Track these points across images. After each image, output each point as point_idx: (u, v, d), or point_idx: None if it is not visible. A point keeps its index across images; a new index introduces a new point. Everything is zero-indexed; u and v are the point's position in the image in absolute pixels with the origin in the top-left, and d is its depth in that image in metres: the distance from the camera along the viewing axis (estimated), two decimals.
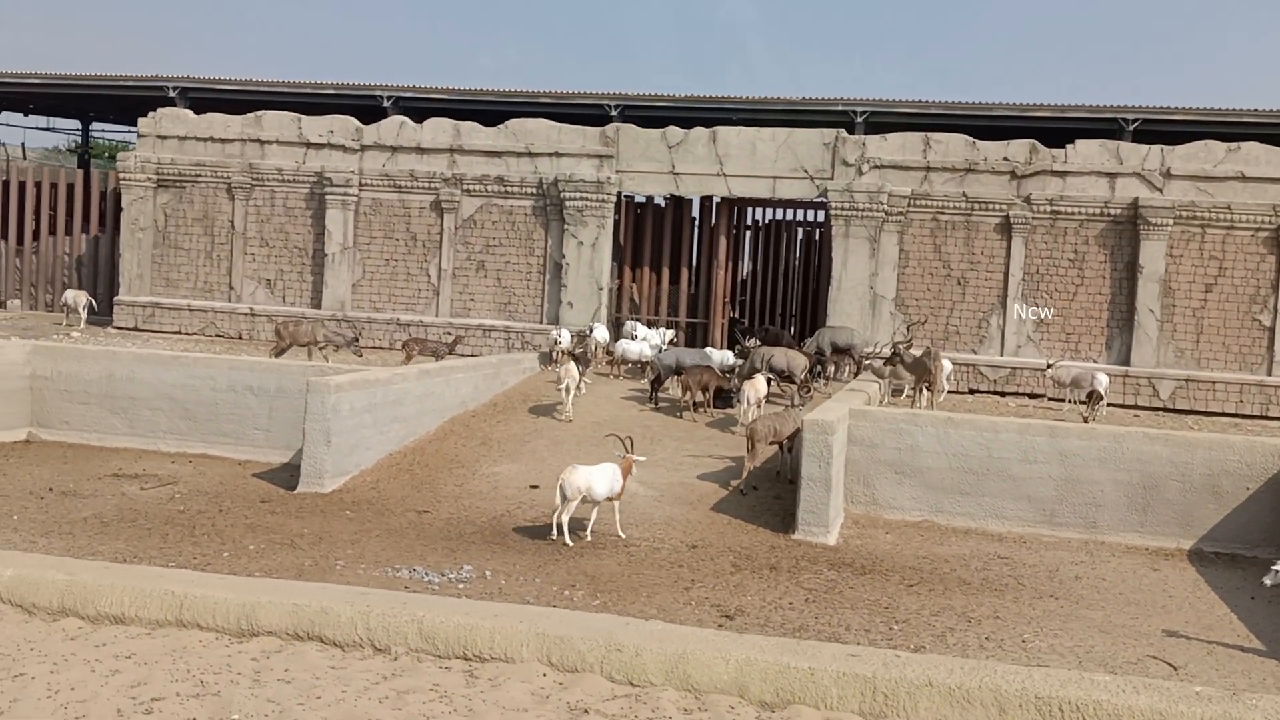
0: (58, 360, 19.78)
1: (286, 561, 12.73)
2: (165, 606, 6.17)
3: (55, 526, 13.79)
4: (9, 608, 6.29)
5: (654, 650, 5.50)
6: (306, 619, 6.01)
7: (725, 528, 15.71)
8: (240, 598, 6.17)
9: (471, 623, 5.82)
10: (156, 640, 6.01)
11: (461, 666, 5.72)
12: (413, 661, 5.79)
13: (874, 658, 5.49)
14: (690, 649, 5.49)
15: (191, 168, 29.51)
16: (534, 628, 5.77)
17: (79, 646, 5.93)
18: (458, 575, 12.57)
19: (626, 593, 12.32)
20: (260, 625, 6.05)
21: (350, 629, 5.92)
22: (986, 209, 25.75)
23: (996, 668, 5.37)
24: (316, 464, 16.66)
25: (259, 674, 5.61)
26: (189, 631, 6.11)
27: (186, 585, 6.37)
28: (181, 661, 5.74)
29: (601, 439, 20.11)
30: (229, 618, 6.10)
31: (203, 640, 6.06)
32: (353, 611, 5.98)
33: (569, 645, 5.65)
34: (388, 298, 28.63)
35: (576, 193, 27.18)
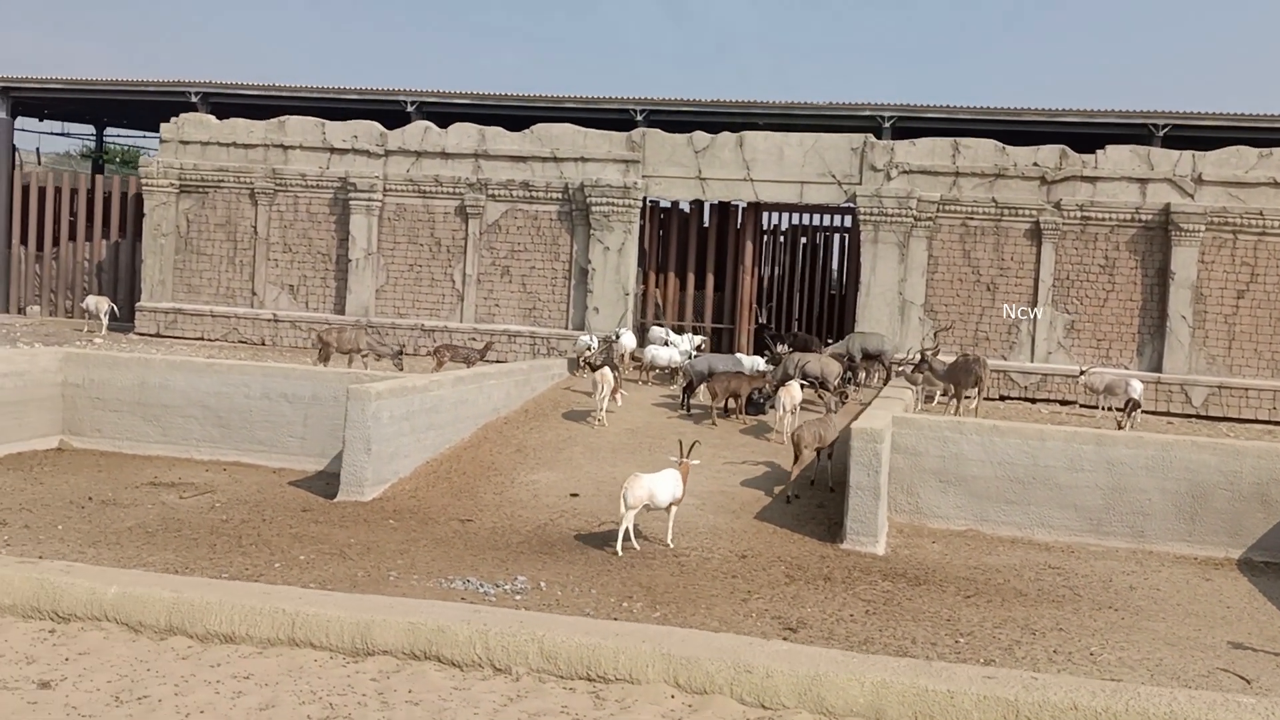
0: (90, 368, 19.64)
1: (339, 572, 12.58)
2: (277, 625, 6.01)
3: (100, 536, 13.64)
4: (115, 626, 6.12)
5: (785, 672, 5.34)
6: (423, 638, 5.85)
7: (771, 537, 15.55)
8: (353, 616, 6.00)
9: (593, 642, 5.66)
10: (271, 660, 5.85)
11: (586, 688, 5.56)
12: (535, 682, 5.63)
13: (1013, 680, 5.33)
14: (822, 670, 5.33)
15: (214, 173, 29.39)
16: (658, 647, 5.61)
17: (194, 667, 5.76)
18: (512, 586, 12.41)
19: (685, 604, 12.16)
20: (375, 644, 5.89)
21: (469, 648, 5.76)
22: (1016, 214, 25.62)
23: (1139, 689, 5.22)
24: (357, 472, 16.51)
25: (383, 695, 5.46)
26: (302, 650, 5.95)
27: (297, 603, 6.20)
28: (303, 682, 5.58)
29: (637, 446, 20.00)
30: (343, 636, 5.93)
31: (317, 660, 5.90)
32: (470, 630, 5.82)
33: (696, 666, 5.49)
34: (411, 303, 28.50)
35: (603, 198, 27.05)
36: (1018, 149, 25.71)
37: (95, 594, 6.26)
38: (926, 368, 21.76)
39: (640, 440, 20.30)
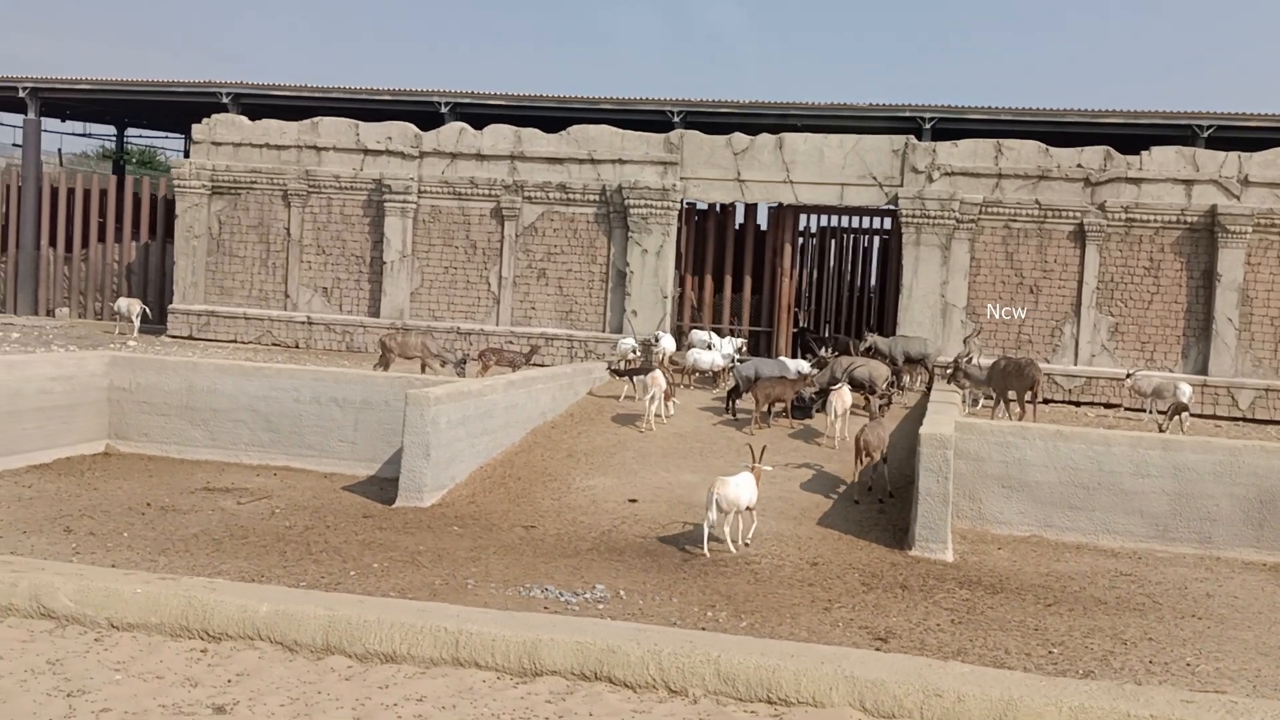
0: (137, 371, 19.47)
1: (416, 580, 12.40)
2: (440, 644, 5.80)
3: (168, 544, 13.46)
4: (270, 645, 5.93)
5: (978, 696, 5.14)
6: (593, 658, 5.65)
7: (838, 543, 15.37)
8: (518, 635, 5.79)
9: (772, 663, 5.46)
10: (439, 681, 5.65)
11: (768, 711, 5.37)
12: (714, 705, 5.44)
13: (1215, 704, 5.14)
14: (1016, 694, 5.13)
15: (247, 174, 29.23)
16: (840, 669, 5.42)
17: (363, 688, 5.56)
18: (593, 595, 12.22)
19: (769, 614, 11.97)
20: (544, 664, 5.68)
21: (641, 669, 5.57)
22: (1060, 216, 25.42)
23: None
24: (416, 478, 16.33)
25: (564, 719, 5.26)
26: (468, 671, 5.74)
27: (458, 621, 6.00)
28: (480, 705, 5.38)
29: (688, 451, 19.82)
30: (509, 656, 5.73)
31: (486, 680, 5.70)
32: (642, 651, 5.62)
33: (883, 689, 5.29)
34: (446, 306, 28.33)
35: (641, 200, 26.87)
36: (1061, 150, 25.51)
37: (247, 612, 6.05)
38: (960, 374, 21.60)
39: (690, 445, 20.12)
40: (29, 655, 5.69)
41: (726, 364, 24.13)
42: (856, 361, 22.14)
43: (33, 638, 5.93)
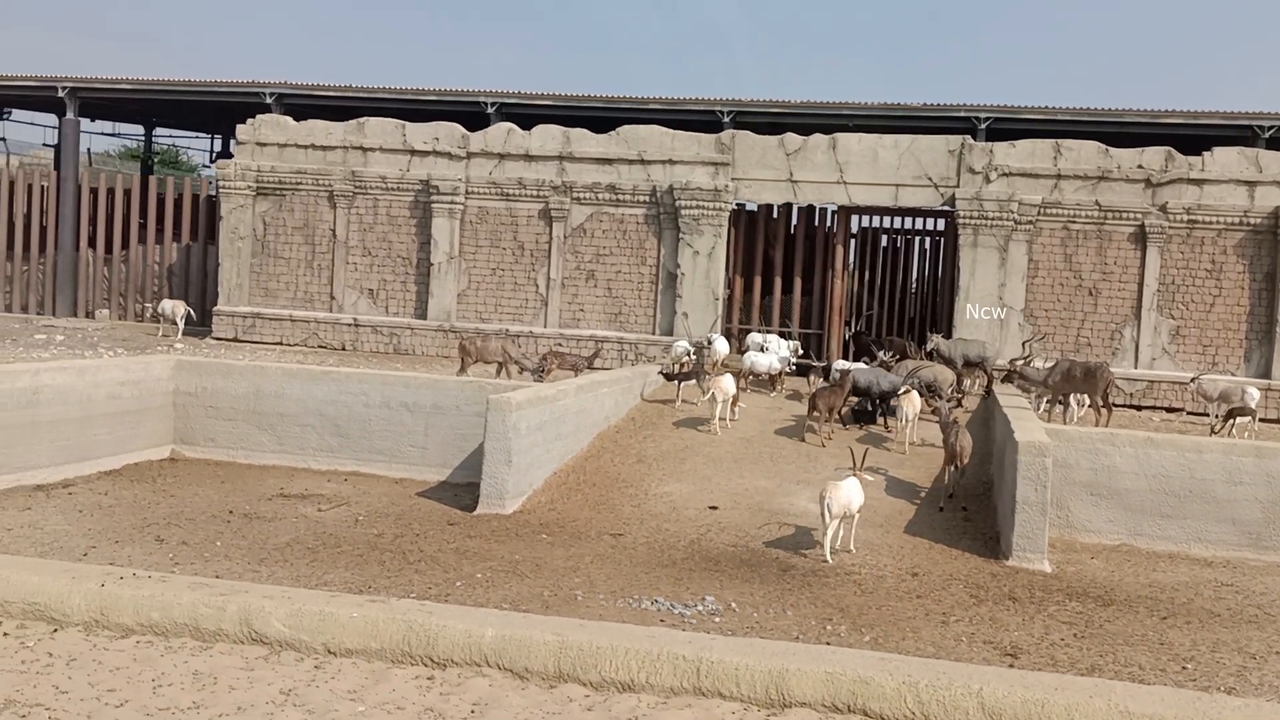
0: (203, 376, 19.24)
1: (523, 592, 12.15)
2: (680, 673, 5.55)
3: (264, 553, 13.22)
4: (499, 673, 5.65)
5: None
6: (845, 689, 5.40)
7: (931, 552, 15.11)
8: (763, 664, 5.54)
9: (1039, 697, 5.21)
10: (685, 713, 5.40)
11: None
12: None
13: None
14: None
15: (292, 175, 28.99)
16: (1111, 703, 5.16)
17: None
18: (704, 608, 11.98)
19: (888, 628, 11.72)
20: (792, 695, 5.43)
21: (898, 702, 5.32)
22: (1120, 218, 25.15)
23: None
24: (498, 484, 16.08)
25: None
26: (711, 701, 5.49)
27: (696, 649, 5.75)
28: None
29: (757, 456, 19.56)
30: (754, 686, 5.48)
31: (733, 712, 5.44)
32: (896, 682, 5.37)
33: None
34: (494, 308, 28.09)
35: (692, 201, 26.62)
36: (1121, 151, 25.23)
37: (472, 637, 5.78)
38: (1018, 377, 21.34)
39: (758, 450, 19.87)
40: (259, 686, 5.44)
41: (784, 367, 23.84)
42: (921, 365, 21.89)
43: (250, 665, 5.68)
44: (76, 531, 13.68)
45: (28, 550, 12.61)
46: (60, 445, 16.61)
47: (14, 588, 5.90)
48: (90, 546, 12.95)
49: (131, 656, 5.61)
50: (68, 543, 13.11)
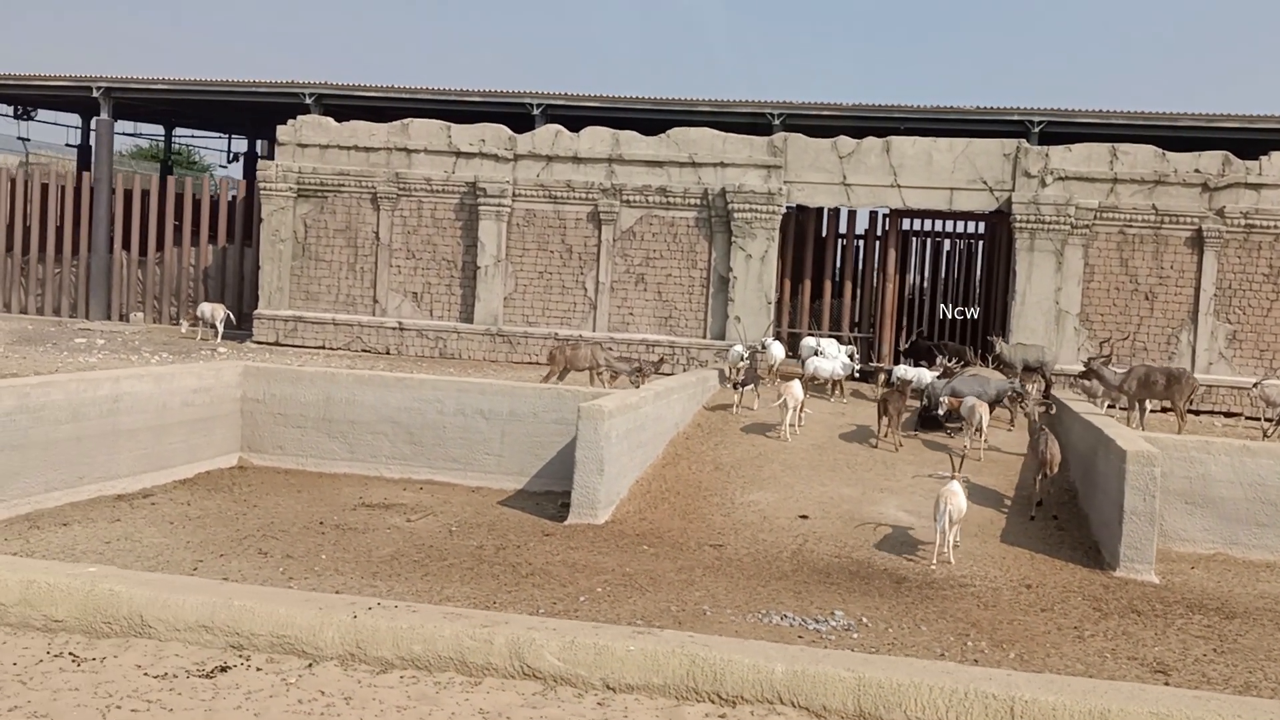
0: (272, 382, 18.93)
1: (649, 607, 11.90)
2: (992, 713, 5.24)
3: (374, 567, 12.93)
4: (795, 711, 5.36)
5: None
6: None
7: (1035, 563, 14.89)
8: (1082, 703, 5.23)
9: None
10: None
11: None
12: None
13: None
14: None
15: (334, 177, 28.67)
16: None
17: None
18: (837, 623, 11.74)
19: (1027, 644, 11.49)
20: None
21: None
22: (1177, 222, 24.99)
23: None
24: (590, 494, 15.81)
25: None
26: None
27: (1006, 687, 5.39)
28: None
29: (834, 463, 19.31)
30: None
31: None
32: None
33: None
34: (541, 311, 27.81)
35: (745, 204, 26.39)
36: (1178, 155, 25.08)
37: (761, 673, 5.51)
38: (1093, 376, 21.11)
39: (832, 457, 19.64)
40: None
41: (848, 373, 23.59)
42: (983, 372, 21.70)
43: (531, 702, 5.38)
44: (175, 545, 13.37)
45: (135, 565, 12.30)
46: (139, 454, 16.31)
47: (260, 619, 5.63)
48: (197, 561, 12.64)
49: (406, 694, 5.33)
50: (171, 556, 12.80)
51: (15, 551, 12.54)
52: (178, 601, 5.75)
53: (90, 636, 5.74)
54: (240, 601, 5.73)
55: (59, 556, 12.51)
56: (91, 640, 5.70)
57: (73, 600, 5.81)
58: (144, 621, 5.66)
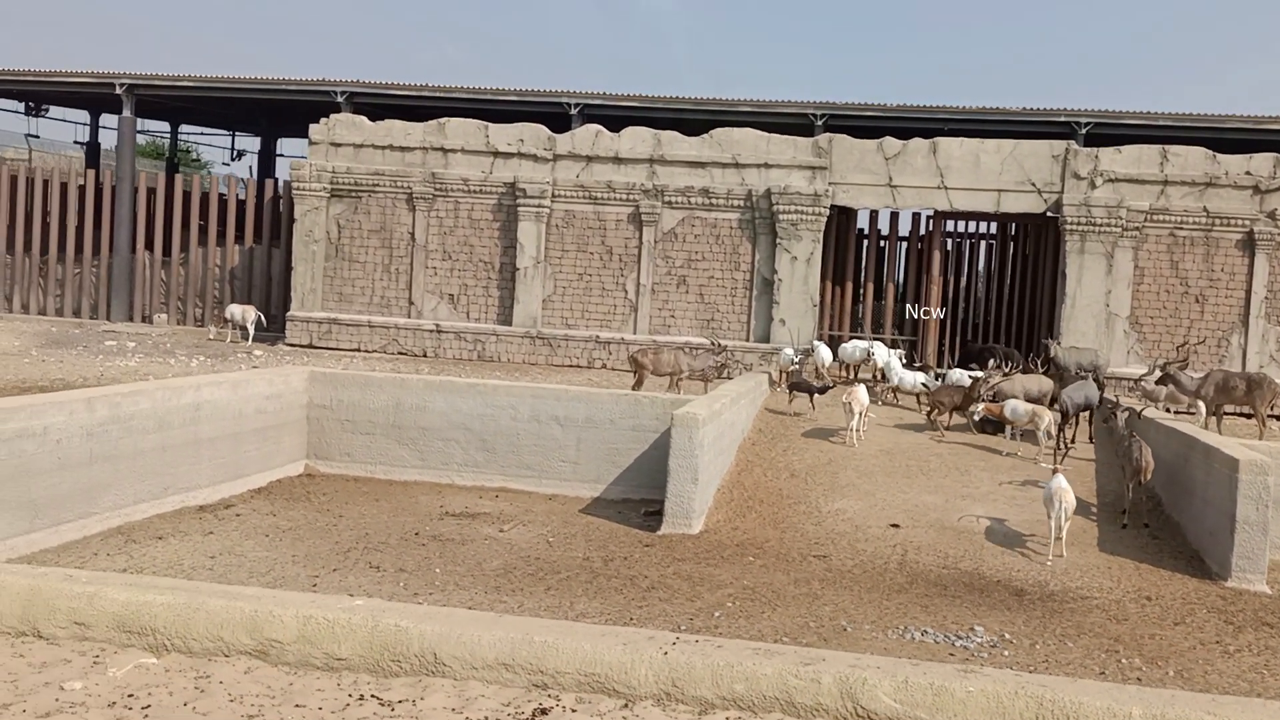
0: (339, 388, 18.51)
1: (786, 623, 11.59)
2: None
3: (496, 581, 12.56)
4: None
5: None
6: None
7: (1142, 573, 14.67)
8: None
9: None
10: None
11: None
12: None
13: None
14: None
15: (368, 177, 28.23)
16: None
17: None
18: (979, 639, 11.47)
19: (1178, 660, 11.25)
20: None
21: None
22: (1227, 225, 24.92)
23: None
24: (684, 504, 15.49)
25: None
26: None
27: None
28: None
29: (908, 469, 19.07)
30: None
31: None
32: None
33: None
34: (580, 314, 27.47)
35: (790, 205, 26.13)
36: (1229, 157, 25.01)
37: (1117, 716, 5.17)
38: (1172, 382, 20.97)
39: (903, 463, 19.41)
40: None
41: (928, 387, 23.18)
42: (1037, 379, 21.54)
43: None
44: (281, 559, 12.96)
45: (250, 581, 11.90)
46: (218, 463, 15.87)
47: (565, 656, 5.28)
48: (311, 576, 12.25)
49: None
50: (284, 572, 12.40)
51: (123, 568, 12.12)
52: (473, 638, 5.40)
53: (378, 675, 5.38)
54: (542, 637, 5.38)
55: (168, 572, 12.09)
56: (381, 680, 5.34)
57: (356, 637, 5.45)
58: (438, 660, 5.31)
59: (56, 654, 5.55)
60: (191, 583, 6.16)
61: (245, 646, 5.53)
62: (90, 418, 13.12)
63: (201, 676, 5.41)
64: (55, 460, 12.59)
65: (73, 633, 5.64)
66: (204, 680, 5.37)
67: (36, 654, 5.53)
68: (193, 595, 5.75)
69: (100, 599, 5.73)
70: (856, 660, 5.33)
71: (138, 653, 5.53)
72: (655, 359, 21.73)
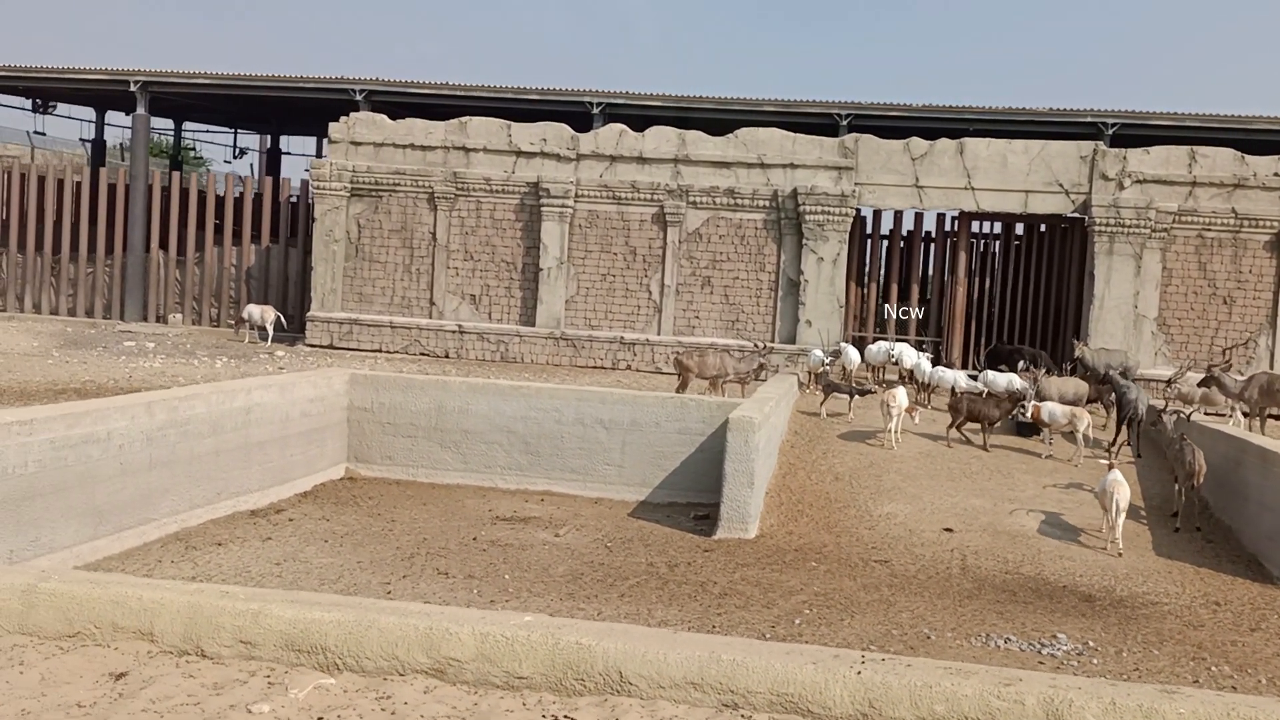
0: (380, 390, 18.31)
1: (869, 631, 11.47)
2: None
3: (566, 588, 12.40)
4: None
5: None
6: None
7: (1203, 577, 14.61)
8: None
9: None
10: None
11: None
12: None
13: None
14: None
15: (389, 176, 28.00)
16: None
17: None
18: (1066, 648, 11.37)
19: (1267, 667, 11.18)
20: None
21: None
22: (1256, 226, 24.92)
23: None
24: (741, 508, 15.36)
25: None
26: None
27: None
28: None
29: (951, 471, 18.97)
30: None
31: None
32: None
33: None
34: (604, 314, 27.30)
35: (818, 206, 26.02)
36: (1258, 159, 25.00)
37: None
38: (1215, 384, 20.94)
39: (945, 465, 19.33)
40: None
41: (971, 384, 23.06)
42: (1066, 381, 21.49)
43: None
44: (347, 565, 12.78)
45: (324, 590, 11.72)
46: (267, 467, 15.67)
47: (756, 675, 5.13)
48: (384, 584, 12.07)
49: None
50: (353, 579, 12.22)
51: (191, 575, 11.92)
52: (659, 656, 5.24)
53: (561, 695, 5.22)
54: (729, 655, 5.23)
55: (236, 580, 11.91)
56: (565, 699, 5.18)
57: (537, 655, 5.28)
58: (623, 678, 5.15)
59: (226, 674, 5.37)
60: (355, 599, 5.99)
61: (422, 665, 5.36)
62: (150, 422, 12.91)
63: (384, 697, 5.25)
64: (118, 466, 12.38)
65: (238, 651, 5.46)
66: (387, 701, 5.21)
67: (206, 674, 5.36)
68: (362, 612, 5.58)
69: (266, 616, 5.55)
70: (1054, 680, 5.20)
71: (310, 672, 5.35)
72: (701, 361, 21.55)
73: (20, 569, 6.21)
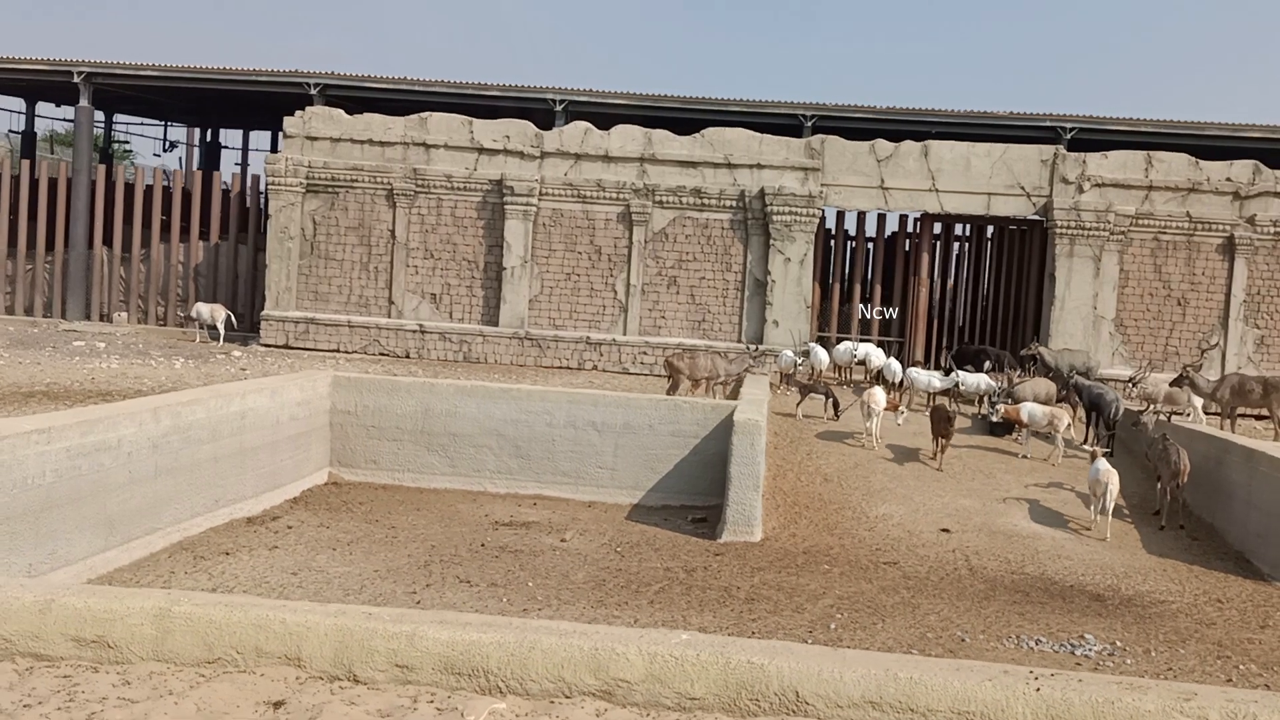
0: (364, 393, 17.91)
1: (902, 635, 11.49)
2: None
3: (594, 595, 12.22)
4: None
5: None
6: None
7: (1198, 575, 14.91)
8: None
9: None
10: None
11: None
12: None
13: None
14: None
15: (346, 172, 27.47)
16: None
17: None
18: (1096, 648, 11.50)
19: None
20: None
21: None
22: (1209, 229, 25.57)
23: None
24: (746, 511, 15.31)
25: None
26: None
27: None
28: None
29: (934, 473, 19.18)
30: None
31: None
32: None
33: None
34: (569, 314, 27.09)
35: (785, 207, 26.10)
36: (1211, 164, 25.65)
37: None
38: (1188, 383, 21.42)
39: (928, 465, 19.52)
40: None
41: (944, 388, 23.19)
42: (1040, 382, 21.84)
43: None
44: (365, 575, 12.46)
45: (349, 600, 11.40)
46: (259, 473, 15.23)
47: (935, 694, 5.03)
48: (409, 593, 11.78)
49: None
50: (376, 589, 11.91)
51: (209, 587, 11.52)
52: (835, 675, 5.13)
53: (735, 716, 5.08)
54: (905, 673, 5.14)
55: (256, 591, 11.54)
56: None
57: (709, 675, 5.14)
58: (799, 698, 5.04)
59: (389, 700, 5.13)
60: (510, 619, 5.77)
61: (589, 687, 5.18)
62: (156, 429, 12.46)
63: None
64: (127, 474, 11.92)
65: (394, 676, 5.22)
66: None
67: (368, 701, 5.12)
68: (523, 633, 5.37)
69: (421, 639, 5.31)
70: (1229, 695, 5.21)
71: (475, 696, 5.14)
72: (692, 363, 21.46)
73: (147, 593, 5.88)
